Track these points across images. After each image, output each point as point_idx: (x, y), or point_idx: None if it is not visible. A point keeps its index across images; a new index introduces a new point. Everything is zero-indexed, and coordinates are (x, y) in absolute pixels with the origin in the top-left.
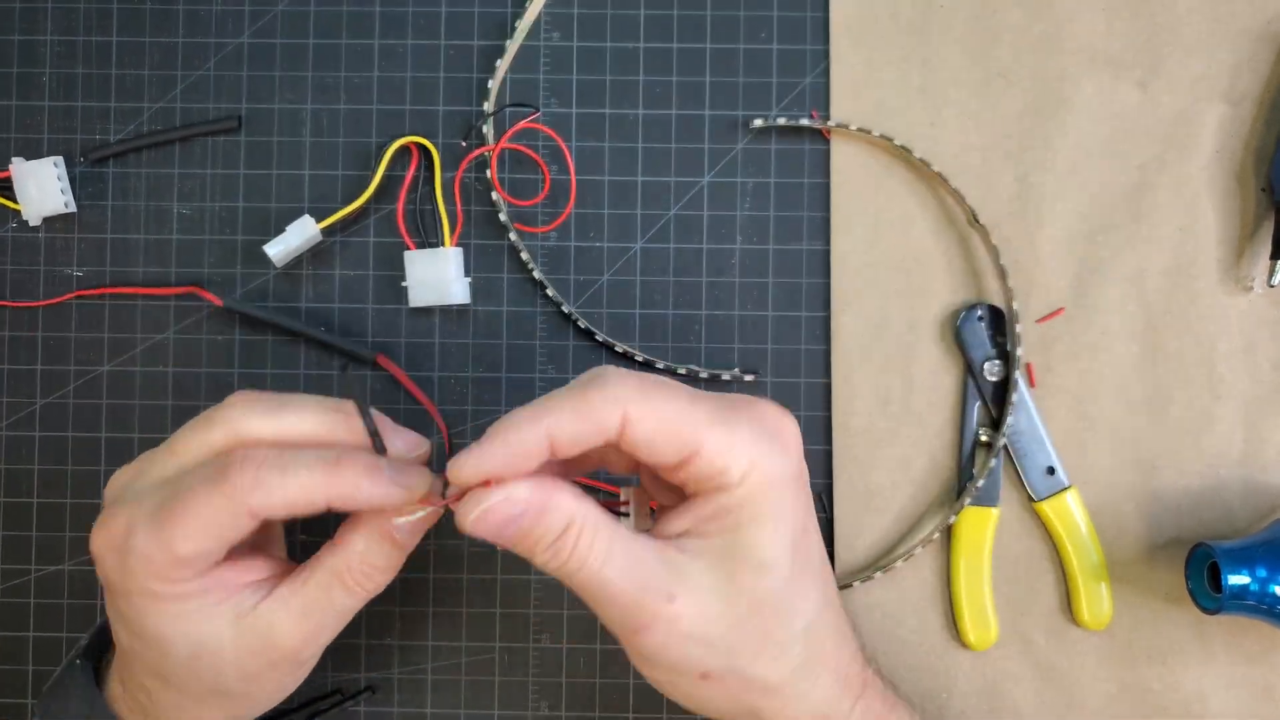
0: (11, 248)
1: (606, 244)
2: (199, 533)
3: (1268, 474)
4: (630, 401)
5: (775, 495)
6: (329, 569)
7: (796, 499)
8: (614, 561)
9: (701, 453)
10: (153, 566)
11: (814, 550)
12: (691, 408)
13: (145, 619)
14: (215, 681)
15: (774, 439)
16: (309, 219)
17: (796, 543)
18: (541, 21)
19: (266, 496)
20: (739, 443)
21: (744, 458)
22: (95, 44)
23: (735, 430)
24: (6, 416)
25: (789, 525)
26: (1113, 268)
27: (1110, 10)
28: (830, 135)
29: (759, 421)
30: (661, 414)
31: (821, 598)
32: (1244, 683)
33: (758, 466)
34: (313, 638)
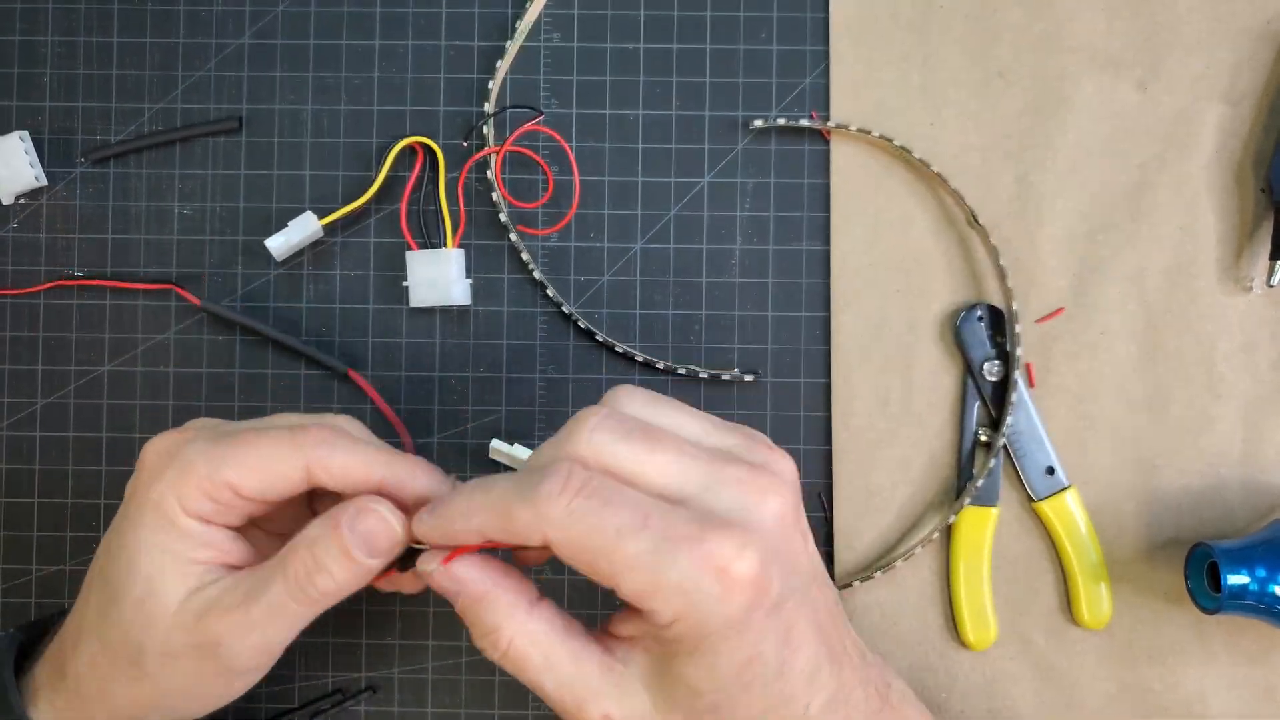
0: (12, 248)
1: (607, 244)
2: (254, 465)
3: (1267, 474)
4: (552, 526)
5: (710, 638)
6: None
7: (739, 638)
8: (553, 675)
9: (620, 593)
10: (191, 479)
11: (769, 669)
12: (617, 544)
13: (136, 533)
14: (139, 644)
15: (714, 584)
16: (311, 215)
17: (740, 673)
18: (542, 22)
19: (329, 455)
20: (663, 589)
21: (669, 606)
22: (96, 44)
23: (663, 575)
24: (7, 416)
25: (728, 660)
26: (1112, 267)
27: (1110, 10)
28: (830, 135)
29: (700, 562)
30: (582, 547)
31: (780, 699)
32: (1244, 683)
33: (686, 615)
34: (242, 631)
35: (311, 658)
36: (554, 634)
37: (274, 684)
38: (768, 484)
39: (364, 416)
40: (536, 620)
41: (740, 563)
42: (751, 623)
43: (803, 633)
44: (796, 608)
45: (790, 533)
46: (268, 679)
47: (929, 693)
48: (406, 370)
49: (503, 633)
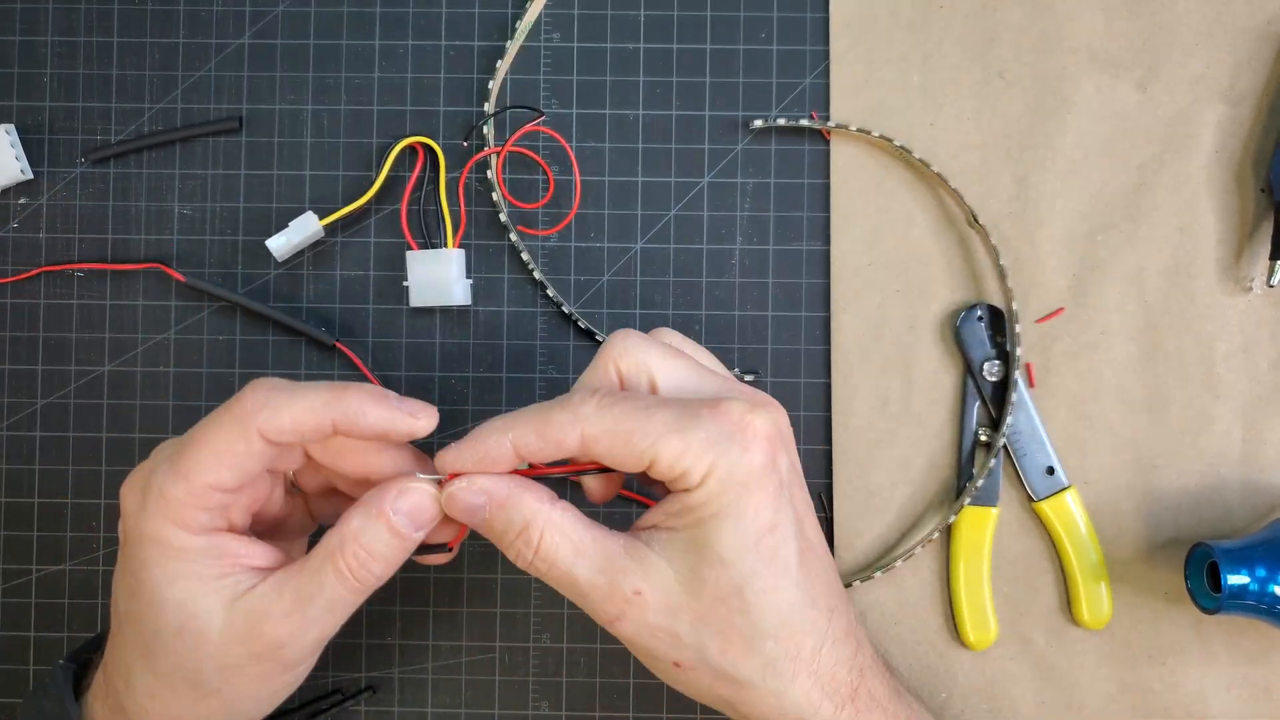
0: (12, 247)
1: (607, 244)
2: (213, 459)
3: (1267, 474)
4: (588, 420)
5: (735, 493)
6: (324, 548)
7: (762, 494)
8: (582, 560)
9: (658, 462)
10: (170, 503)
11: (787, 549)
12: (647, 420)
13: (148, 570)
14: (194, 667)
15: (734, 438)
16: (311, 215)
17: (761, 539)
18: (542, 22)
19: (274, 415)
20: (694, 447)
21: (701, 461)
22: (96, 44)
23: (690, 435)
24: (7, 416)
25: (752, 521)
26: (1112, 268)
27: (1110, 10)
28: (830, 136)
29: (720, 420)
30: (616, 431)
31: (801, 597)
32: (1244, 683)
33: (716, 468)
34: (301, 631)
35: None
36: (579, 522)
37: None
38: (769, 402)
39: None
40: (561, 511)
41: (756, 420)
42: (770, 483)
43: (814, 531)
44: (804, 503)
45: (789, 440)
46: None
47: (929, 693)
48: (406, 370)
49: (533, 527)
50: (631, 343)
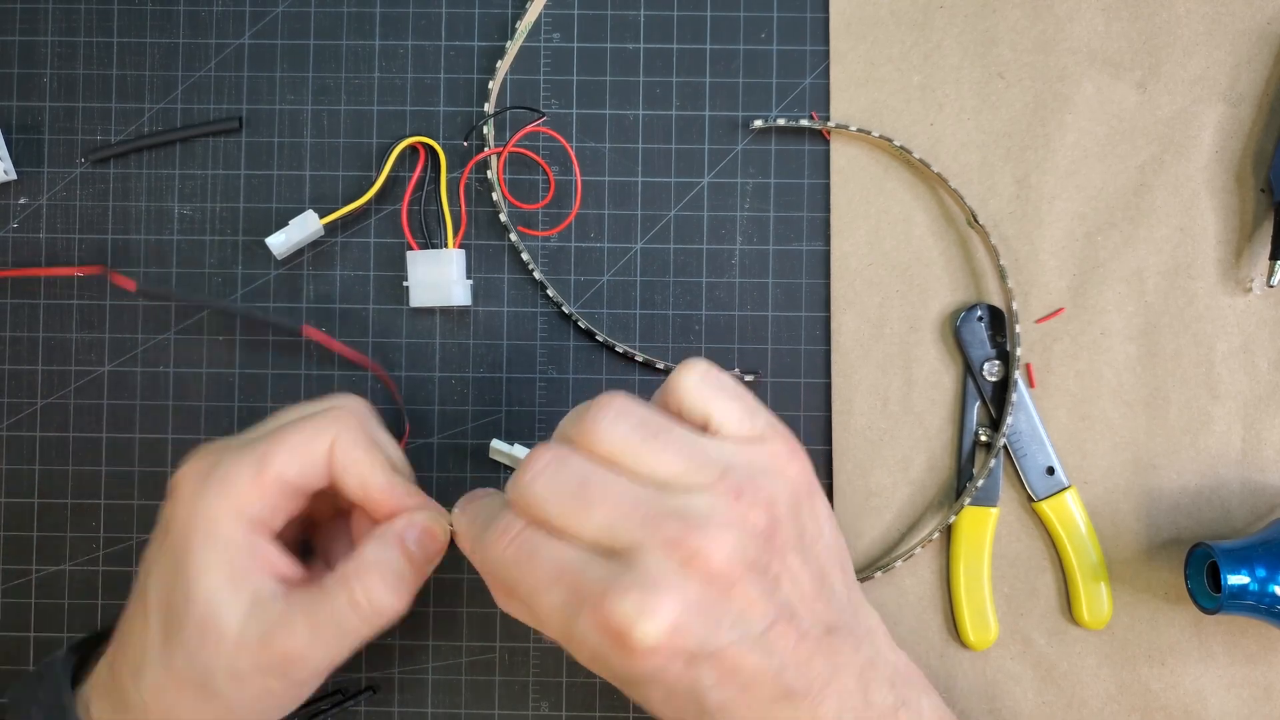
0: (12, 247)
1: (607, 244)
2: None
3: (1266, 474)
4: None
5: (621, 684)
6: (340, 574)
7: (656, 683)
8: None
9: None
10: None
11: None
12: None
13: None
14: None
15: (614, 648)
16: (312, 213)
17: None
18: (542, 22)
19: (350, 445)
20: (574, 643)
21: (581, 657)
22: (96, 45)
23: (570, 632)
24: (7, 416)
25: (657, 695)
26: (1112, 268)
27: (1109, 10)
28: (830, 136)
29: (601, 624)
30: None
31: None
32: (1243, 683)
33: (597, 668)
34: (309, 650)
35: None
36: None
37: None
38: (708, 537)
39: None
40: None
41: (640, 627)
42: (665, 673)
43: (752, 667)
44: (741, 649)
45: (740, 576)
46: None
47: None
48: (406, 370)
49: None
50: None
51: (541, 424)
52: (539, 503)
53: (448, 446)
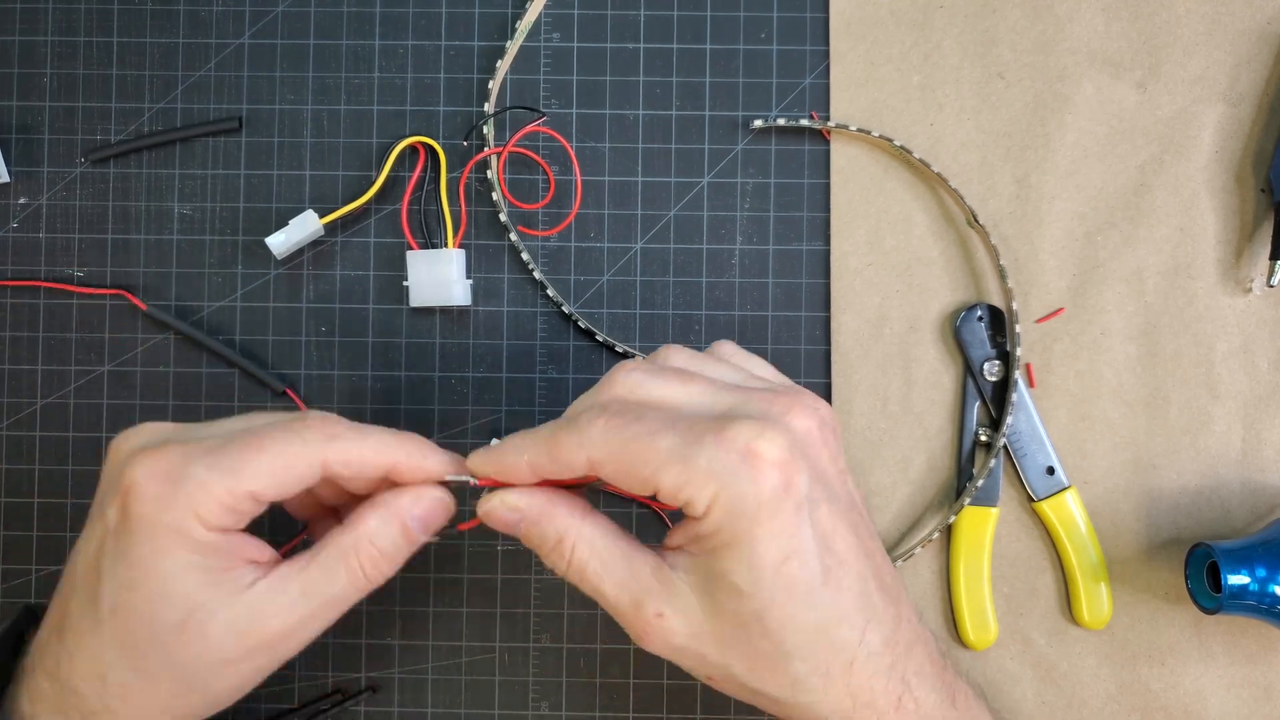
0: (12, 248)
1: (607, 244)
2: (268, 470)
3: (1266, 474)
4: (593, 444)
5: (743, 524)
6: (337, 546)
7: (773, 523)
8: (610, 577)
9: (661, 491)
10: (207, 497)
11: (807, 573)
12: (650, 445)
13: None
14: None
15: (740, 465)
16: (312, 213)
17: (778, 569)
18: (542, 22)
19: (343, 450)
20: (695, 477)
21: (703, 492)
22: (96, 44)
23: (692, 464)
24: (7, 416)
25: (765, 552)
26: (1112, 268)
27: (1109, 10)
28: (830, 135)
29: (724, 446)
30: (620, 456)
31: (827, 616)
32: (1243, 683)
33: (719, 499)
34: (301, 625)
35: (311, 658)
36: (611, 537)
37: (274, 684)
38: (793, 403)
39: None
40: (592, 526)
41: (763, 444)
42: (784, 509)
43: (846, 544)
44: (833, 516)
45: (817, 448)
46: (268, 680)
47: None
48: (406, 370)
49: (565, 542)
50: (634, 379)
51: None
52: (641, 385)
53: (447, 447)
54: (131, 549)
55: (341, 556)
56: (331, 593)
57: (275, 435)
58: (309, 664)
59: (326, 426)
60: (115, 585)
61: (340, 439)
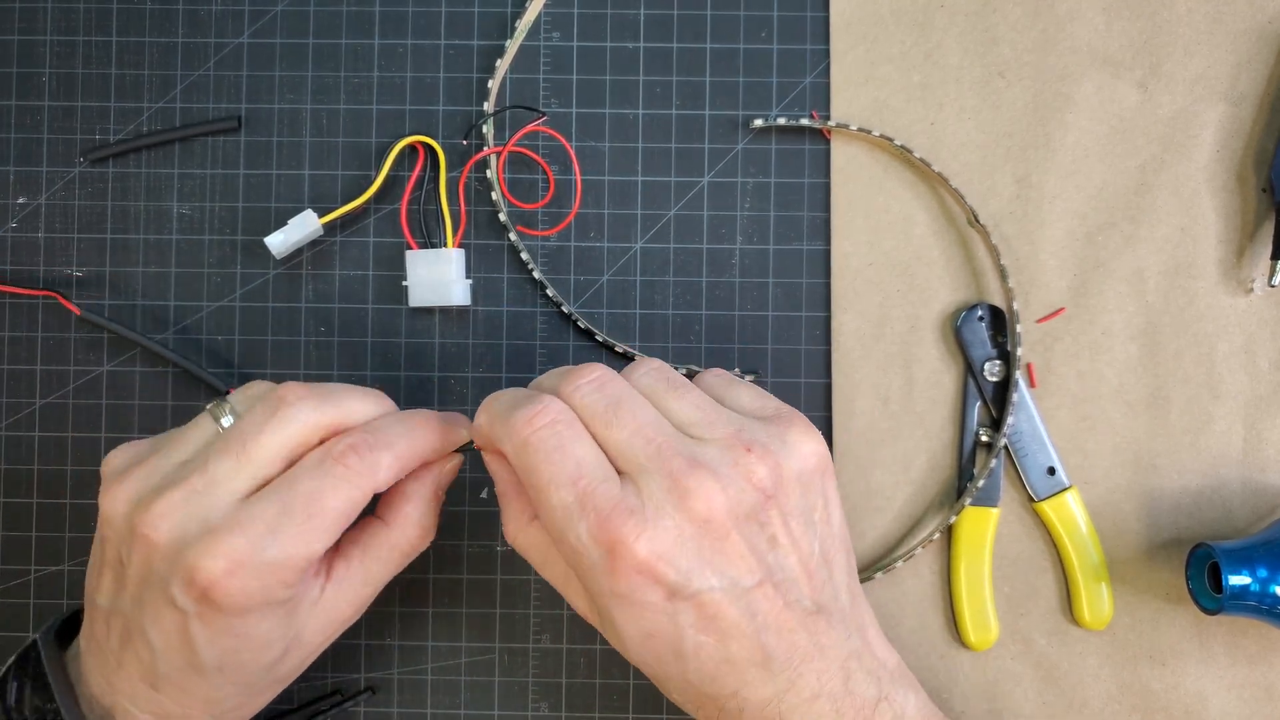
0: (11, 247)
1: (606, 244)
2: (332, 528)
3: (1267, 474)
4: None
5: (601, 601)
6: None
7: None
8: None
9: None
10: (286, 573)
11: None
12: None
13: (256, 628)
14: (288, 670)
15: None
16: (311, 213)
17: (642, 641)
18: (541, 21)
19: (386, 473)
20: (565, 544)
21: (568, 558)
22: (95, 44)
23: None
24: (6, 416)
25: (625, 629)
26: (1113, 268)
27: (1110, 10)
28: (830, 135)
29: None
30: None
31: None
32: (1244, 683)
33: (580, 573)
34: (364, 604)
35: None
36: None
37: None
38: (707, 481)
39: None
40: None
41: (629, 546)
42: (643, 602)
43: (730, 621)
44: (722, 599)
45: (733, 528)
46: None
47: (931, 693)
48: (406, 370)
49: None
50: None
51: None
52: (582, 403)
53: None
54: (227, 627)
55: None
56: (389, 571)
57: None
58: None
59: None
60: (217, 652)
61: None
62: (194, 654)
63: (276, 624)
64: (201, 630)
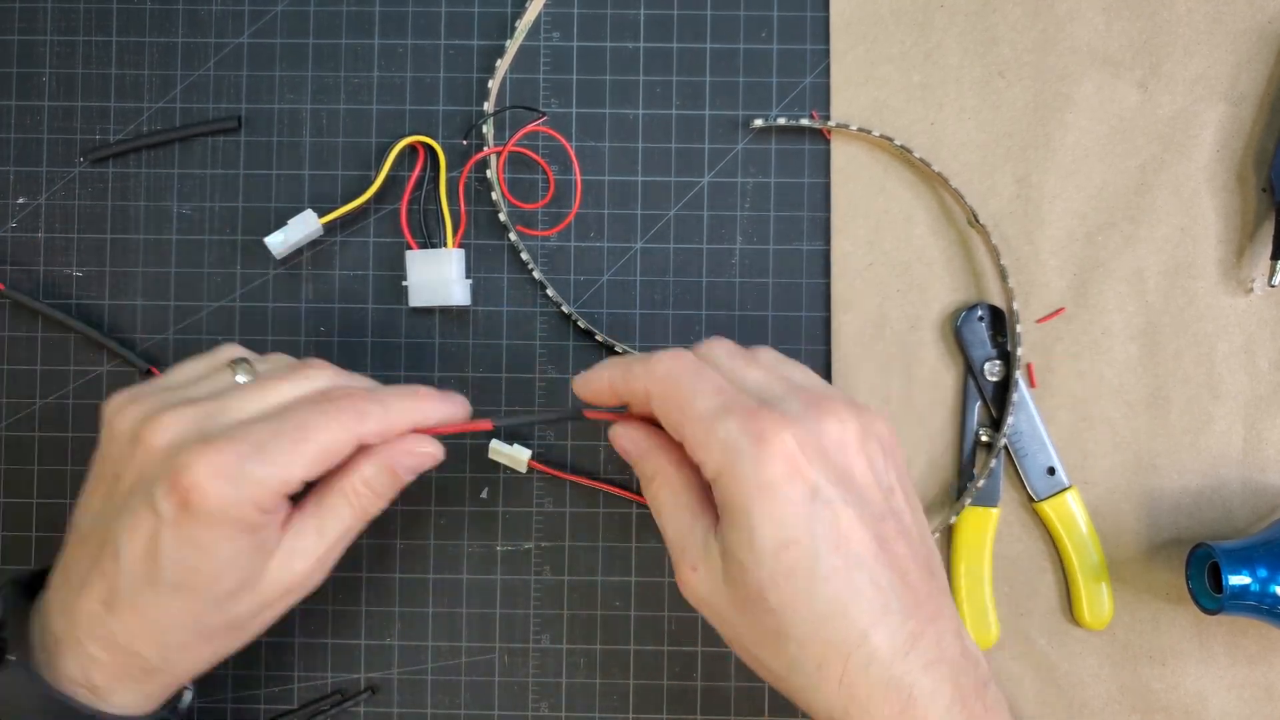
0: (11, 247)
1: (606, 244)
2: (313, 459)
3: (1267, 474)
4: (652, 379)
5: (745, 501)
6: (339, 490)
7: (775, 507)
8: (672, 522)
9: (685, 442)
10: (264, 492)
11: (807, 565)
12: (692, 398)
13: (219, 546)
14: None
15: (750, 446)
16: (311, 213)
17: (778, 553)
18: (541, 21)
19: (374, 426)
20: (711, 442)
21: (712, 457)
22: (95, 44)
23: (713, 430)
24: (6, 416)
25: (765, 533)
26: (1112, 268)
27: (1110, 10)
28: (830, 135)
29: (747, 424)
30: (667, 397)
31: (827, 611)
32: (1244, 684)
33: (724, 469)
34: (321, 562)
35: (311, 658)
36: (686, 490)
37: (273, 685)
38: (827, 410)
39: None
40: (678, 475)
41: (778, 435)
42: (785, 498)
43: (866, 549)
44: (857, 520)
45: (849, 454)
46: (267, 680)
47: None
48: (406, 370)
49: (656, 480)
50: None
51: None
52: (715, 354)
53: (447, 447)
54: (194, 538)
55: (343, 496)
56: (340, 529)
57: (316, 423)
58: (308, 665)
59: (354, 404)
60: (178, 568)
61: (370, 416)
62: (156, 565)
63: (238, 551)
64: (169, 538)
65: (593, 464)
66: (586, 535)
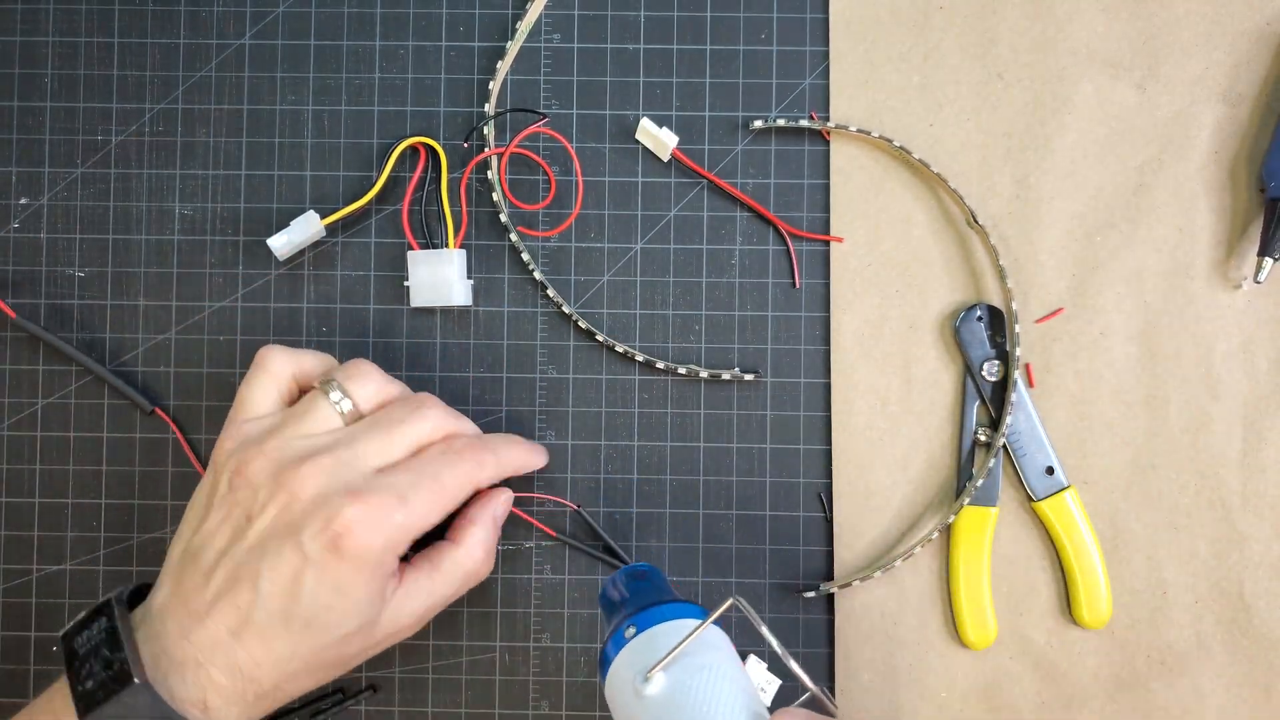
0: (13, 248)
1: (607, 244)
2: (447, 503)
3: (1267, 474)
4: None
5: None
6: (454, 561)
7: None
8: None
9: None
10: (403, 540)
11: None
12: None
13: (357, 590)
14: (349, 654)
15: None
16: (313, 214)
17: None
18: (542, 23)
19: (489, 470)
20: None
21: None
22: (97, 45)
23: None
24: (7, 416)
25: None
26: (1111, 268)
27: (1109, 11)
28: (830, 136)
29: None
30: None
31: None
32: (1244, 683)
33: None
34: (423, 618)
35: None
36: None
37: None
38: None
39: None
40: None
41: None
42: None
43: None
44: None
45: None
46: None
47: (929, 693)
48: (407, 370)
49: None
50: None
51: (541, 423)
52: None
53: None
54: (336, 579)
55: (458, 569)
56: (449, 592)
57: (447, 474)
58: None
59: (475, 454)
60: (315, 606)
61: (487, 466)
62: (295, 601)
63: (369, 596)
64: (313, 578)
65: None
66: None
